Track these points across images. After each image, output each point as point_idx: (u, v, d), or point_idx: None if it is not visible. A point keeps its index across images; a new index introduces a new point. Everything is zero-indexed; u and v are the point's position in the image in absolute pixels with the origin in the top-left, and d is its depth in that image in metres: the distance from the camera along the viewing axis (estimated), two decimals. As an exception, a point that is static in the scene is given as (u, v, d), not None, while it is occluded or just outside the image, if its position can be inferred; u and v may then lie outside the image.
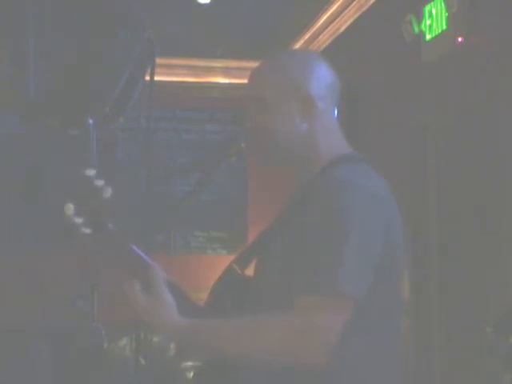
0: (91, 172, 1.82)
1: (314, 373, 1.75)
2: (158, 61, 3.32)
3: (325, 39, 6.33)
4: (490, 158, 4.24)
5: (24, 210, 6.68)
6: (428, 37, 4.59)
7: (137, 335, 6.29)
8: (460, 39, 4.30)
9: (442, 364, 4.70)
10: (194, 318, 1.81)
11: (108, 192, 1.82)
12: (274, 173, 2.21)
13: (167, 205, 6.25)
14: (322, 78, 1.97)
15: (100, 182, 1.82)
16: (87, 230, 1.82)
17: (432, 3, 4.53)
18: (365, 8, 5.62)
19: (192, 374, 6.04)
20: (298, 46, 6.65)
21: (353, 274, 1.73)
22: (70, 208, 1.80)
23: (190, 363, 6.06)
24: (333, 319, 1.72)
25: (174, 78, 6.98)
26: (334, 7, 5.92)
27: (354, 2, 5.71)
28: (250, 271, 1.98)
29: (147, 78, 3.28)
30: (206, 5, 5.85)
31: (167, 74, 6.70)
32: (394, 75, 5.21)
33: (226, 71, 7.16)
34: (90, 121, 3.08)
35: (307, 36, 6.48)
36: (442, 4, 4.43)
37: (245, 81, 2.04)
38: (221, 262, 8.20)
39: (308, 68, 1.97)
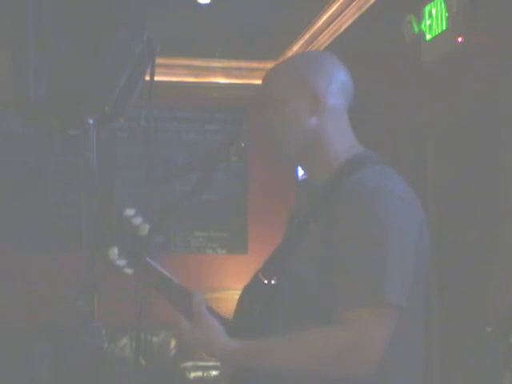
0: (131, 212, 1.84)
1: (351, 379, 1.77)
2: (158, 61, 3.32)
3: (325, 39, 6.33)
4: (490, 158, 4.24)
5: (24, 210, 6.68)
6: (428, 37, 4.59)
7: (137, 335, 6.29)
8: (460, 39, 4.30)
9: (442, 364, 4.70)
10: (228, 333, 1.83)
11: (145, 229, 1.83)
12: (274, 173, 2.22)
13: (167, 205, 6.24)
14: (333, 76, 1.96)
15: (138, 220, 1.83)
16: (129, 271, 1.84)
17: (432, 3, 4.53)
18: (365, 8, 5.62)
19: (195, 374, 6.04)
20: (297, 46, 6.66)
21: (396, 283, 1.75)
22: (113, 252, 1.81)
23: (190, 363, 6.06)
24: (382, 330, 1.74)
25: (174, 78, 6.98)
26: (334, 7, 5.92)
27: (354, 2, 5.71)
28: (276, 280, 1.94)
29: (147, 78, 3.28)
30: (205, 5, 5.85)
31: (167, 74, 6.70)
32: (394, 75, 5.21)
33: (226, 71, 7.16)
34: (90, 121, 3.08)
35: (307, 36, 6.48)
36: (442, 4, 4.43)
37: (245, 81, 2.06)
38: (221, 261, 8.18)
39: (318, 66, 1.97)
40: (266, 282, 1.94)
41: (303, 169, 2.03)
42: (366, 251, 1.76)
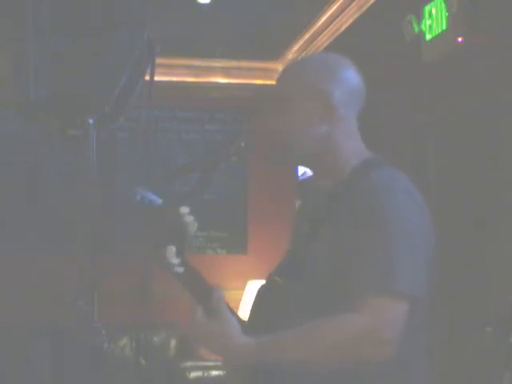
0: (185, 210, 1.83)
1: (367, 371, 1.78)
2: (158, 61, 3.32)
3: (325, 39, 6.33)
4: (490, 158, 4.24)
5: (24, 210, 6.68)
6: (428, 37, 4.59)
7: (137, 335, 6.29)
8: (460, 39, 4.30)
9: (442, 364, 4.70)
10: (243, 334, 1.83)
11: (194, 227, 1.82)
12: (274, 173, 2.22)
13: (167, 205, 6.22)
14: (347, 83, 1.96)
15: (190, 218, 1.83)
16: (180, 269, 1.83)
17: (432, 3, 4.53)
18: (365, 8, 5.62)
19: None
20: (297, 46, 6.65)
21: (409, 273, 1.79)
22: (172, 251, 1.80)
23: (190, 363, 6.06)
24: (397, 315, 1.75)
25: (174, 78, 6.97)
26: (334, 7, 5.92)
27: (354, 2, 5.71)
28: (291, 281, 1.95)
29: (147, 78, 3.28)
30: (205, 5, 5.85)
31: (167, 74, 6.69)
32: (394, 75, 5.21)
33: (226, 71, 7.16)
34: (90, 121, 3.08)
35: (307, 36, 6.48)
36: (442, 4, 4.43)
37: (245, 81, 2.05)
38: (221, 261, 8.19)
39: (333, 72, 1.96)
40: (281, 283, 1.94)
41: (312, 171, 2.04)
42: (379, 244, 1.78)
